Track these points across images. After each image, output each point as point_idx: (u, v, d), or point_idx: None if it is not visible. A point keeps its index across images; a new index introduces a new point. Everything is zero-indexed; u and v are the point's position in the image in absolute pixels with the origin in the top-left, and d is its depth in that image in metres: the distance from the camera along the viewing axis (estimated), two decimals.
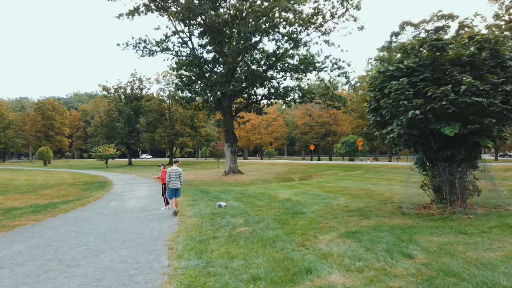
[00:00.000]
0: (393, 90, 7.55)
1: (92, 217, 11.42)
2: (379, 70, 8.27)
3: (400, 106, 7.44)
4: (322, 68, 34.66)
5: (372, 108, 8.65)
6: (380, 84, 8.14)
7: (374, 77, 8.56)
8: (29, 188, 25.43)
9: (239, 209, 11.56)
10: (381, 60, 8.91)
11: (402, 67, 7.71)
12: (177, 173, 11.64)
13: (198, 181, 30.58)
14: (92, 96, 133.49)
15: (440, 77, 7.47)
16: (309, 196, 13.86)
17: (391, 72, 7.88)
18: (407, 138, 8.17)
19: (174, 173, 11.63)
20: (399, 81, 7.44)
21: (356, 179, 21.13)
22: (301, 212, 9.84)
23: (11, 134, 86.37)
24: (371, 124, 9.00)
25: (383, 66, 8.17)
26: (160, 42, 35.99)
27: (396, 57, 8.50)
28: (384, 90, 7.91)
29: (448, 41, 7.57)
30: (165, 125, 63.81)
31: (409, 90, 7.39)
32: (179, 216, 11.04)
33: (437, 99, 7.09)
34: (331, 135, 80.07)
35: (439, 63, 7.53)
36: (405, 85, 7.37)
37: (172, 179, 11.55)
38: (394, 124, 7.72)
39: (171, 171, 11.66)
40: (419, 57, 7.73)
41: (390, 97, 7.66)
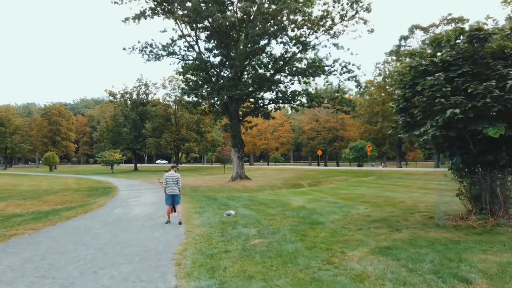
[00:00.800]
0: (427, 86, 6.76)
1: (94, 226, 10.69)
2: (410, 65, 7.47)
3: (435, 104, 6.64)
4: (331, 72, 33.93)
5: (401, 107, 7.84)
6: (411, 81, 7.34)
7: (403, 73, 7.74)
8: (33, 194, 24.85)
9: (250, 217, 10.76)
10: (411, 54, 8.11)
11: (436, 61, 6.91)
12: (174, 179, 11.03)
13: (204, 187, 29.83)
14: (99, 102, 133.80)
15: (481, 72, 6.67)
16: (324, 203, 13.03)
17: (424, 67, 7.08)
18: (441, 141, 7.35)
19: (171, 178, 11.01)
20: (435, 77, 6.65)
21: (371, 186, 20.23)
22: (319, 222, 9.02)
23: (17, 139, 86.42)
24: (398, 125, 8.16)
25: (414, 60, 7.38)
26: (166, 46, 35.52)
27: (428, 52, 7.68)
28: (416, 87, 7.11)
29: (491, 31, 6.77)
30: (171, 130, 63.32)
31: (446, 86, 6.58)
32: (186, 225, 10.27)
33: (479, 96, 6.29)
34: (338, 140, 79.08)
35: (480, 56, 6.74)
36: (442, 80, 6.58)
37: (169, 185, 10.95)
38: (428, 124, 6.91)
39: (168, 177, 11.04)
40: (456, 50, 6.94)
41: (424, 95, 6.87)
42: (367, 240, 6.79)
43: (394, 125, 8.67)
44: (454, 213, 8.35)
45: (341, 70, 33.64)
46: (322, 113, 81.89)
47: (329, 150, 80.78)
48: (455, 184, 8.05)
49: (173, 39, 35.55)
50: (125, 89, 67.45)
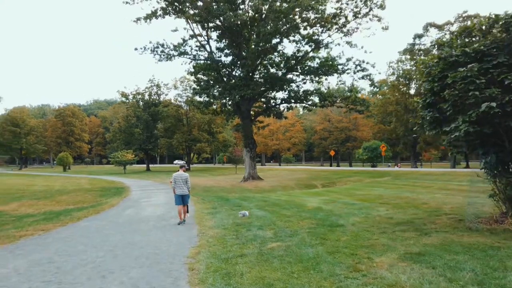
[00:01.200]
0: (458, 79, 6.24)
1: (105, 227, 10.41)
2: (439, 56, 6.94)
3: (468, 98, 6.12)
4: (344, 70, 33.30)
5: (428, 102, 7.30)
6: (440, 73, 6.81)
7: (430, 65, 7.21)
8: (46, 194, 24.88)
9: (265, 219, 10.35)
10: (439, 44, 7.58)
11: (469, 51, 6.38)
12: (183, 179, 10.79)
13: (216, 188, 29.52)
14: (111, 103, 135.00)
15: None
16: (341, 205, 12.53)
17: (455, 57, 6.56)
18: (473, 138, 6.80)
19: (180, 178, 10.77)
20: (468, 68, 6.12)
21: (388, 186, 19.61)
22: (339, 225, 8.54)
23: (32, 140, 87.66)
24: (425, 121, 7.62)
25: (443, 51, 6.85)
26: (177, 46, 35.37)
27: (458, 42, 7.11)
28: (445, 80, 6.59)
29: None
30: (182, 131, 63.32)
31: (480, 78, 6.06)
32: (199, 226, 9.91)
33: None
34: (351, 140, 78.16)
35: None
36: (475, 72, 6.06)
37: (177, 185, 10.72)
38: (460, 120, 6.38)
39: (177, 176, 10.82)
40: (490, 39, 6.40)
41: (455, 88, 6.34)
42: (394, 244, 6.30)
43: (419, 121, 8.13)
44: (486, 215, 7.80)
45: (355, 69, 33.02)
46: (335, 113, 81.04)
47: (341, 151, 79.90)
48: (484, 185, 7.47)
49: (185, 39, 35.39)
50: (137, 90, 67.78)
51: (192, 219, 11.73)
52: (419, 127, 8.50)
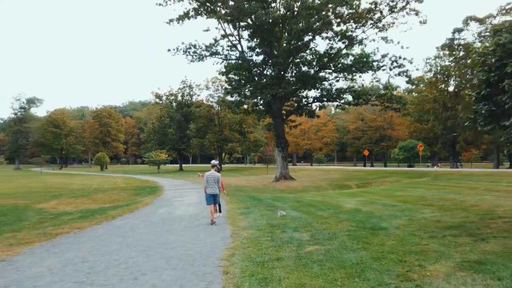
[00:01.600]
0: None
1: (139, 226, 10.37)
2: (497, 43, 6.26)
3: None
4: (379, 67, 32.15)
5: (483, 94, 6.63)
6: (498, 62, 6.14)
7: (484, 54, 6.53)
8: (83, 193, 25.62)
9: (300, 220, 9.93)
10: (496, 30, 6.88)
11: None
12: (215, 178, 10.63)
13: (248, 187, 29.34)
14: (146, 104, 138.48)
15: None
16: (380, 206, 11.88)
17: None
18: None
19: (212, 178, 10.62)
20: None
21: (429, 187, 18.58)
22: (381, 228, 7.98)
23: (71, 141, 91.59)
24: (478, 116, 6.93)
25: (502, 37, 6.17)
26: (209, 46, 35.54)
27: None
28: (505, 69, 5.92)
29: None
30: (214, 131, 63.84)
31: None
32: (232, 227, 9.64)
33: None
34: (386, 140, 75.82)
35: None
36: None
37: (209, 184, 10.57)
38: None
39: (209, 176, 10.67)
40: None
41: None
42: (448, 251, 5.71)
43: (471, 115, 7.42)
44: None
45: (391, 65, 31.79)
46: (368, 111, 78.98)
47: (375, 150, 77.64)
48: None
49: (216, 39, 35.50)
50: (170, 91, 69.09)
51: (224, 219, 11.50)
52: (471, 122, 7.78)
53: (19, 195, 23.67)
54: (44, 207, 18.63)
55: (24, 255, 6.98)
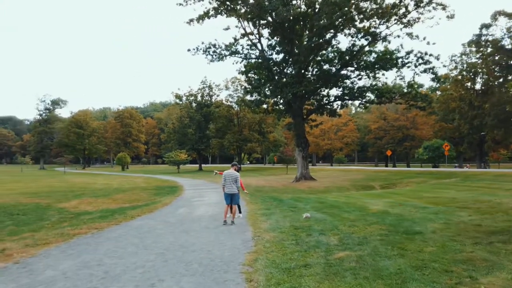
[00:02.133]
0: None
1: (157, 227, 10.06)
2: None
3: None
4: (404, 64, 31.06)
5: None
6: None
7: None
8: (104, 192, 25.71)
9: (325, 223, 9.38)
10: None
11: None
12: (233, 177, 10.31)
13: (268, 188, 28.87)
14: (166, 105, 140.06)
15: None
16: (410, 208, 11.19)
17: None
18: None
19: (230, 176, 10.32)
20: None
21: (460, 188, 17.63)
22: (416, 232, 7.36)
23: (94, 141, 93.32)
24: None
25: None
26: (229, 45, 35.30)
27: None
28: None
29: None
30: (233, 131, 63.68)
31: None
32: (253, 229, 9.19)
33: None
34: (409, 140, 73.83)
35: None
36: None
37: (227, 183, 10.30)
38: None
39: (227, 175, 10.38)
40: None
41: None
42: (499, 260, 5.08)
43: None
44: None
45: (416, 62, 30.65)
46: (391, 110, 77.17)
47: (398, 150, 75.71)
48: None
49: (236, 38, 35.21)
50: (190, 91, 69.38)
51: (245, 220, 11.09)
52: None
53: (42, 195, 23.92)
54: (66, 206, 18.69)
55: (39, 256, 6.72)
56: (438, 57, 29.91)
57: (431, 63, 29.93)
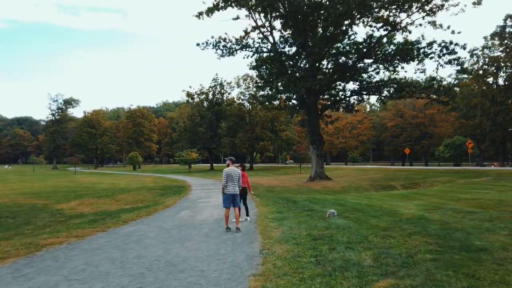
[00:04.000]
0: None
1: (149, 235, 8.49)
2: None
3: None
4: (427, 55, 28.91)
5: None
6: None
7: None
8: (108, 192, 24.51)
9: (351, 231, 7.64)
10: None
11: None
12: (236, 175, 8.83)
13: (281, 188, 27.16)
14: (179, 104, 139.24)
15: None
16: (451, 213, 9.34)
17: None
18: None
19: (233, 174, 8.79)
20: None
21: (501, 188, 15.56)
22: (479, 248, 5.52)
23: (106, 141, 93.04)
24: None
25: None
26: (239, 39, 33.81)
27: None
28: None
29: None
30: (245, 129, 62.06)
31: None
32: (262, 239, 7.52)
33: None
34: (427, 137, 71.01)
35: None
36: None
37: (229, 183, 8.77)
38: None
39: (228, 172, 8.79)
40: None
41: None
42: None
43: None
44: None
45: (440, 52, 28.46)
46: (408, 107, 74.49)
47: (416, 149, 72.84)
48: None
49: (247, 31, 33.65)
50: (201, 89, 68.02)
51: (253, 225, 9.45)
52: None
53: (43, 195, 22.82)
54: (63, 207, 17.44)
55: None
56: (465, 46, 27.67)
57: (456, 53, 27.76)
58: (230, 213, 9.08)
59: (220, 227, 9.40)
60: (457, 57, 28.30)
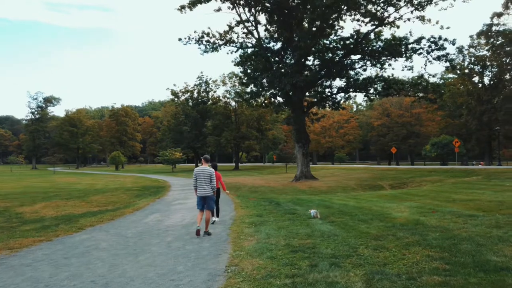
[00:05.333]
0: None
1: (100, 245, 7.19)
2: None
3: None
4: (415, 50, 28.11)
5: None
6: None
7: None
8: (81, 193, 23.00)
9: (337, 240, 6.47)
10: None
11: None
12: (206, 175, 7.90)
13: (265, 188, 25.97)
14: (164, 103, 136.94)
15: None
16: (450, 216, 8.25)
17: None
18: None
19: (202, 174, 7.90)
20: None
21: (498, 188, 14.62)
22: (499, 267, 4.31)
23: (88, 140, 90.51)
24: None
25: None
26: (223, 34, 32.57)
27: None
28: None
29: None
30: (231, 128, 60.70)
31: None
32: (233, 250, 6.29)
33: None
34: (414, 137, 70.76)
35: None
36: None
37: (199, 183, 7.95)
38: None
39: (198, 172, 7.98)
40: None
41: None
42: None
43: None
44: None
45: (429, 48, 27.69)
46: (394, 107, 74.17)
47: (402, 148, 72.52)
48: None
49: (231, 26, 32.40)
50: (186, 87, 66.45)
51: (226, 231, 8.25)
52: None
53: (10, 196, 21.20)
54: (24, 211, 15.88)
55: None
56: (454, 42, 26.93)
57: (445, 49, 26.98)
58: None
59: (188, 234, 8.18)
60: (446, 53, 27.61)
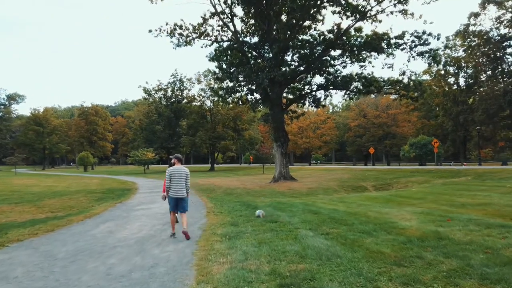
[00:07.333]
0: None
1: (12, 273, 5.17)
2: None
3: None
4: (399, 45, 27.00)
5: None
6: None
7: None
8: (35, 197, 20.50)
9: (341, 265, 4.70)
10: None
11: None
12: (181, 175, 7.21)
13: (241, 190, 24.06)
14: (137, 103, 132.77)
15: None
16: (478, 227, 6.66)
17: None
18: None
19: (178, 174, 7.14)
20: None
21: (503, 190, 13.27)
22: None
23: (55, 140, 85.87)
24: None
25: None
26: (197, 27, 30.48)
27: None
28: None
29: None
30: (206, 128, 58.44)
31: None
32: (196, 281, 4.41)
33: None
34: (390, 137, 70.76)
35: None
36: None
37: (173, 184, 7.21)
38: None
39: (173, 172, 7.21)
40: None
41: None
42: None
43: None
44: None
45: (412, 43, 26.61)
46: (371, 107, 74.04)
47: (378, 149, 72.38)
48: None
49: (205, 17, 30.31)
50: (159, 85, 63.71)
51: (192, 247, 6.37)
52: None
53: None
54: None
55: None
56: (439, 37, 25.96)
57: (429, 44, 25.95)
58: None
59: (142, 251, 6.23)
60: (429, 49, 26.60)
